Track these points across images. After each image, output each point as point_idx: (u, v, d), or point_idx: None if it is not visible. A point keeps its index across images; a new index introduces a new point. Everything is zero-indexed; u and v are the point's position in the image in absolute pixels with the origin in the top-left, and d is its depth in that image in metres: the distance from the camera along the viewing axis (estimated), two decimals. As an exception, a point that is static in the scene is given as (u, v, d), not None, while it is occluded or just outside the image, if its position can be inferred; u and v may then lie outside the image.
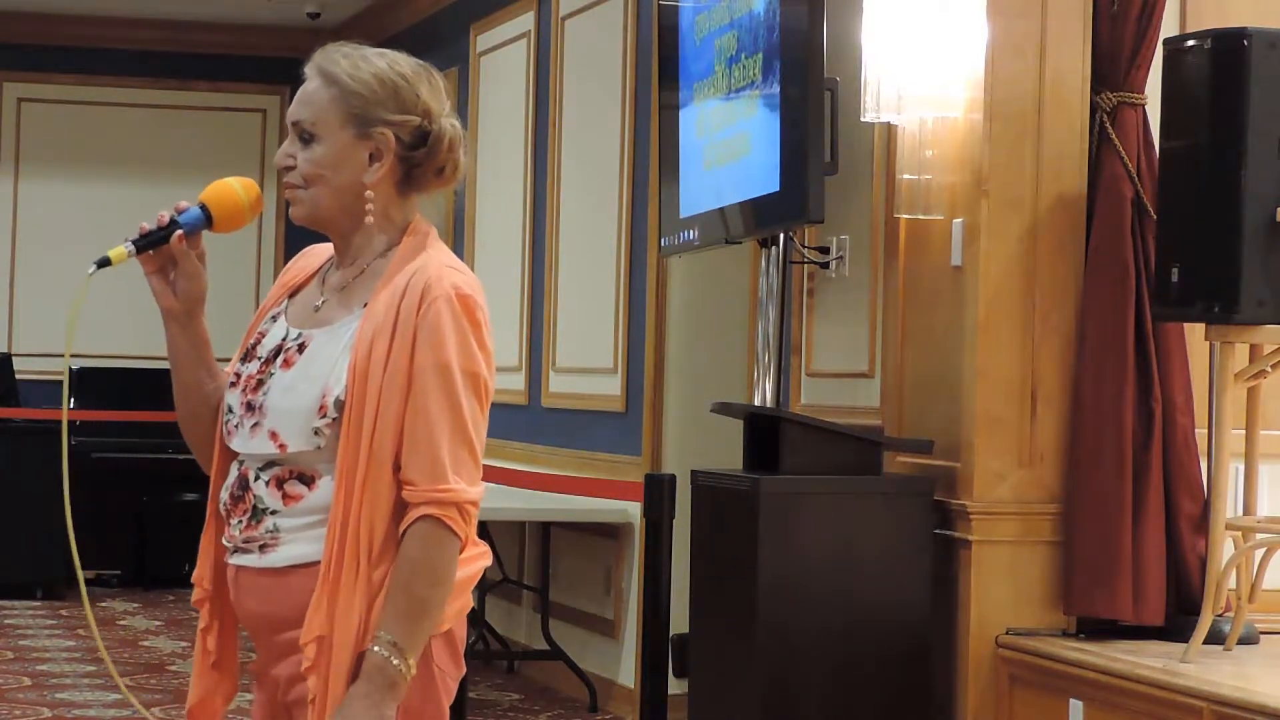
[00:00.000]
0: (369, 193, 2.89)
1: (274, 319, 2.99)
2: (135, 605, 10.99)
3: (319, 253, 3.06)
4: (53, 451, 10.81)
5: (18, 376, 11.89)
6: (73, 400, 12.00)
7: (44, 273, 12.49)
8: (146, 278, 2.94)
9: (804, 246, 6.50)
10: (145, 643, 9.59)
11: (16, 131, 12.59)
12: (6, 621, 10.22)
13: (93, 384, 11.84)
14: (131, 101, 12.72)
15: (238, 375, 2.94)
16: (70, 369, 12.10)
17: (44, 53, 12.55)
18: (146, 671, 8.67)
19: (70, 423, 11.45)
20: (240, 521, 2.90)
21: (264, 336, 2.97)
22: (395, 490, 2.81)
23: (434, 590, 2.79)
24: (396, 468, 2.81)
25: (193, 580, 3.01)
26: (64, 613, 10.61)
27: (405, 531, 2.80)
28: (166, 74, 12.71)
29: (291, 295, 3.02)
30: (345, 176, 2.89)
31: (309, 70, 2.93)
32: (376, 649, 2.77)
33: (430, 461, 2.79)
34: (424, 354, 2.80)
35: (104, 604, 11.00)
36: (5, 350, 12.20)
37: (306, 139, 2.90)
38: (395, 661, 2.77)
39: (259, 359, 2.94)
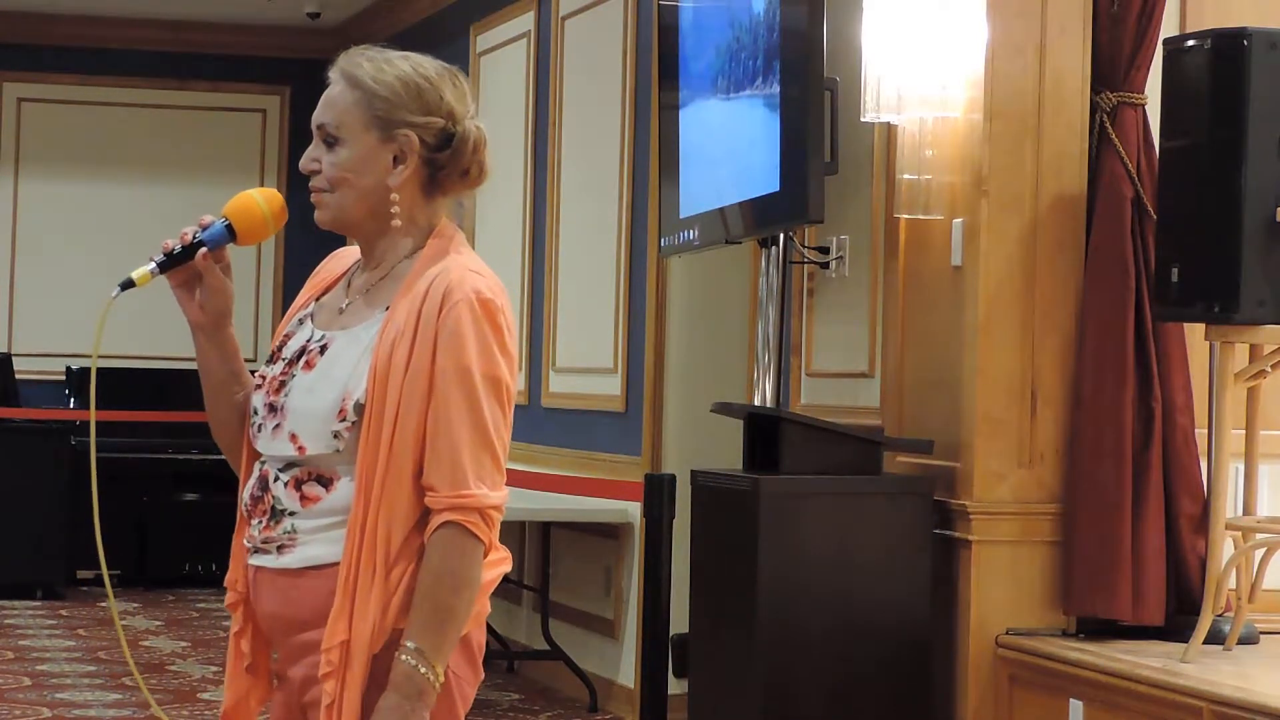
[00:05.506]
0: (394, 195, 2.89)
1: (301, 322, 2.99)
2: (135, 605, 10.98)
3: (347, 255, 3.06)
4: (52, 452, 10.77)
5: (17, 376, 11.89)
6: (72, 400, 11.99)
7: (44, 273, 12.49)
8: (172, 291, 2.94)
9: (804, 246, 6.50)
10: (145, 643, 9.58)
11: (16, 131, 12.58)
12: (6, 621, 10.21)
13: (93, 384, 11.81)
14: (131, 101, 12.71)
15: (263, 377, 2.95)
16: (69, 369, 12.16)
17: (44, 53, 12.55)
18: (147, 671, 8.67)
19: (70, 423, 11.44)
20: (260, 522, 2.89)
21: (290, 339, 2.97)
22: (414, 495, 2.80)
23: (458, 596, 2.79)
24: (416, 473, 2.80)
25: (225, 584, 3.00)
26: (64, 613, 10.60)
27: (428, 539, 2.79)
28: (166, 74, 12.70)
29: (319, 298, 3.02)
30: (370, 179, 2.89)
31: (333, 74, 2.92)
32: (404, 658, 2.76)
33: (451, 467, 2.78)
34: (445, 359, 2.79)
35: (104, 604, 10.99)
36: (5, 350, 12.19)
37: (331, 142, 2.90)
38: (423, 670, 2.77)
39: (283, 360, 2.94)
